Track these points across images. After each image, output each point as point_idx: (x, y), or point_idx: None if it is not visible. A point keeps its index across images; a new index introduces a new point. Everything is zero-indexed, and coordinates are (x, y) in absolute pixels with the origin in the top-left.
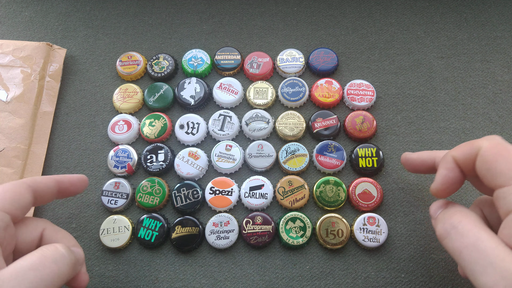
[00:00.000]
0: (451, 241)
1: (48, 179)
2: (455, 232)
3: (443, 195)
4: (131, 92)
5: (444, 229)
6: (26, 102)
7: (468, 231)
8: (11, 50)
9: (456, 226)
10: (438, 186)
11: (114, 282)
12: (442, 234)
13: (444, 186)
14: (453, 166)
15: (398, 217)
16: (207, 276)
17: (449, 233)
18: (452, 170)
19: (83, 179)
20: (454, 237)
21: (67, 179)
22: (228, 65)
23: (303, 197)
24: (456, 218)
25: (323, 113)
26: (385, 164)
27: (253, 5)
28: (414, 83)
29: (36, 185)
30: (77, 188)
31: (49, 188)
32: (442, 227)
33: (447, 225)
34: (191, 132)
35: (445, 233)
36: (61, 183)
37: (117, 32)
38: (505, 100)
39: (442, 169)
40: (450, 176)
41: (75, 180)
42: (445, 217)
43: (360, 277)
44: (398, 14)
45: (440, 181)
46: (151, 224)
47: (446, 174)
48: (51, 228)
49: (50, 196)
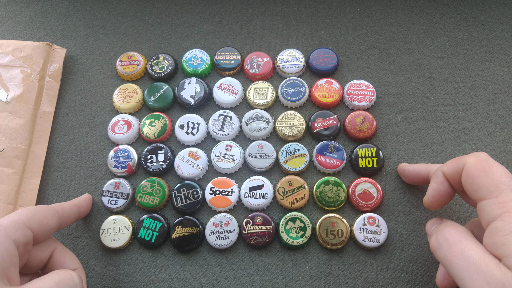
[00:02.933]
0: (442, 251)
1: (72, 206)
2: (446, 243)
3: (434, 206)
4: (131, 92)
5: (437, 241)
6: (26, 102)
7: (457, 241)
8: (11, 50)
9: (447, 238)
10: (429, 198)
11: (114, 282)
12: (434, 246)
13: (434, 198)
14: (443, 180)
15: (398, 217)
16: (207, 276)
17: (440, 244)
18: (441, 184)
19: (91, 198)
20: (445, 248)
21: (84, 203)
22: (228, 65)
23: (303, 197)
24: (447, 231)
25: (323, 113)
26: (385, 164)
27: (253, 5)
28: (414, 83)
29: (63, 212)
30: (89, 208)
31: (72, 214)
32: (435, 239)
33: (440, 237)
34: (191, 132)
35: (437, 244)
36: (80, 208)
37: (117, 32)
38: (505, 100)
39: (433, 182)
40: (440, 189)
41: (88, 202)
42: (438, 231)
43: (360, 277)
44: (398, 14)
45: (431, 194)
46: (151, 224)
47: (436, 187)
48: (61, 249)
49: (71, 222)
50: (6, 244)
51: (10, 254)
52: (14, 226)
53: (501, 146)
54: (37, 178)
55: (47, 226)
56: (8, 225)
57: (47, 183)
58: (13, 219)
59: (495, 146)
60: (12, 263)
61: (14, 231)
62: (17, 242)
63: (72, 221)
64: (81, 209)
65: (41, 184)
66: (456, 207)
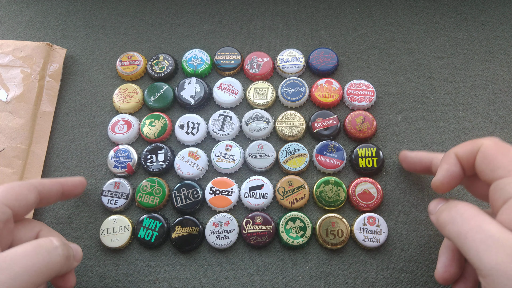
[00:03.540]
0: (456, 225)
1: (54, 182)
2: (460, 217)
3: (443, 189)
4: (131, 92)
5: (450, 216)
6: (26, 102)
7: (474, 215)
8: (11, 50)
9: (462, 212)
10: (440, 179)
11: (114, 282)
12: (446, 220)
13: (446, 180)
14: (456, 161)
15: (398, 217)
16: (207, 276)
17: (455, 219)
18: (454, 165)
19: (83, 181)
20: (460, 222)
21: (71, 182)
22: (228, 65)
23: (303, 197)
24: (461, 206)
25: (323, 113)
26: (385, 164)
27: (253, 5)
28: (414, 83)
29: (42, 187)
30: (78, 190)
31: (54, 191)
32: (448, 214)
33: (453, 212)
34: (191, 132)
35: (451, 219)
36: (65, 186)
37: (117, 32)
38: (505, 100)
39: (445, 164)
40: (452, 170)
41: (76, 183)
42: (450, 206)
43: (360, 277)
44: (398, 14)
45: (442, 175)
46: (151, 224)
47: (449, 168)
48: (47, 230)
49: (54, 199)
50: None
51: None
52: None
53: None
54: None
55: (25, 201)
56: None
57: None
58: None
59: None
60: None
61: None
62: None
63: (54, 198)
64: (65, 187)
65: None
66: None
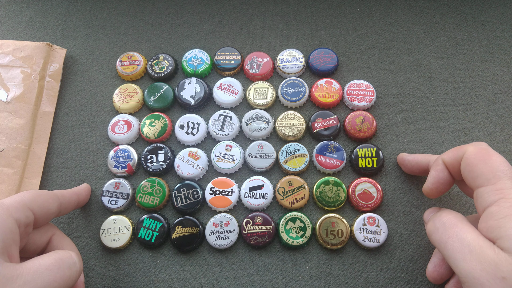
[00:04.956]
0: (438, 234)
1: (71, 193)
2: (442, 226)
3: (434, 194)
4: (131, 92)
5: (434, 225)
6: (26, 102)
7: (453, 225)
8: (11, 50)
9: (444, 222)
10: (429, 185)
11: (114, 282)
12: (431, 230)
13: (434, 186)
14: (443, 168)
15: (398, 217)
16: (207, 276)
17: (437, 228)
18: (441, 171)
19: (89, 188)
20: (441, 231)
21: (84, 192)
22: (228, 65)
23: (303, 197)
24: (444, 215)
25: (323, 113)
26: (385, 164)
27: (253, 5)
28: (414, 83)
29: (63, 198)
30: (88, 198)
31: (72, 202)
32: (432, 223)
33: (437, 221)
34: (191, 132)
35: (434, 228)
36: (80, 196)
37: (117, 32)
38: (505, 100)
39: (433, 170)
40: (440, 177)
41: (88, 192)
42: (435, 216)
43: (360, 277)
44: (398, 14)
45: (431, 181)
46: (151, 224)
47: (436, 175)
48: (59, 235)
49: (70, 209)
50: (9, 222)
51: (12, 232)
52: (16, 206)
53: (501, 146)
54: (37, 178)
55: (48, 210)
56: (11, 205)
57: (47, 183)
58: (15, 199)
59: (495, 146)
60: (14, 241)
61: (16, 210)
62: (19, 221)
63: (71, 208)
64: (80, 198)
65: (41, 184)
66: (455, 205)
